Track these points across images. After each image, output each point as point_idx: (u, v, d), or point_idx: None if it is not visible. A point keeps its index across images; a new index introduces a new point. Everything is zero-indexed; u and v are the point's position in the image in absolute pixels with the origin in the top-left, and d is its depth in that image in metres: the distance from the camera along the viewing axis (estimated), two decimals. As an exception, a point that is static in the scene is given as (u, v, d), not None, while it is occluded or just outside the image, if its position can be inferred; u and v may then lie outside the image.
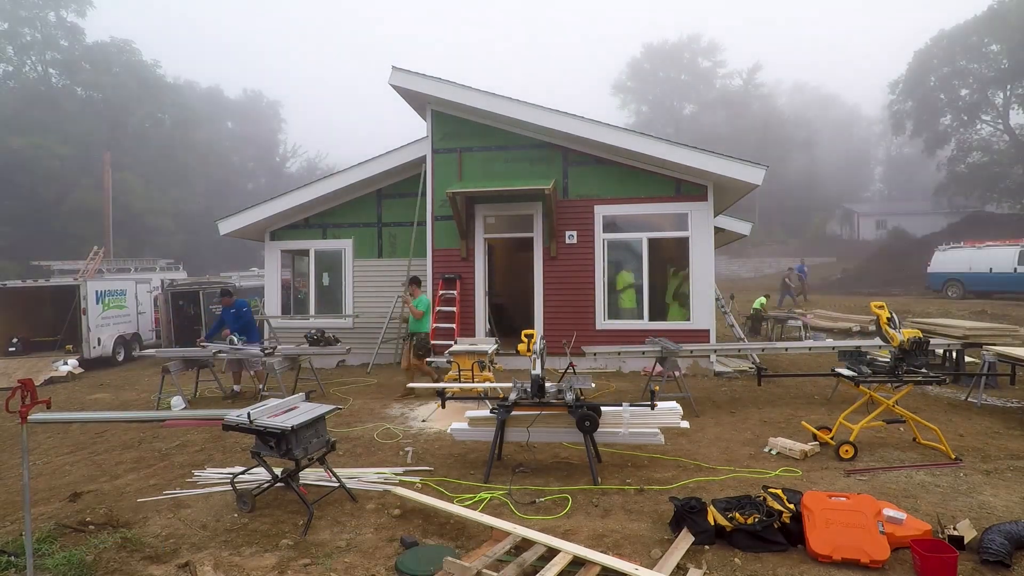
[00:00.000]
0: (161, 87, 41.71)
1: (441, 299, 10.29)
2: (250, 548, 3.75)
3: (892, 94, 39.62)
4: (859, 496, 3.73)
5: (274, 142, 58.27)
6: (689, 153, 9.46)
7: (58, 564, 3.54)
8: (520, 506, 4.26)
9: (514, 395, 4.98)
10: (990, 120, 36.27)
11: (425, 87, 10.19)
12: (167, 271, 18.92)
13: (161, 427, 7.03)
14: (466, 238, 10.37)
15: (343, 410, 7.28)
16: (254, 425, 4.23)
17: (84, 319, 12.89)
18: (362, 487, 4.68)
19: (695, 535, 3.62)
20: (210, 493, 4.69)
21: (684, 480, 4.73)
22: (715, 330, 9.68)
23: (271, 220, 11.64)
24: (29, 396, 3.39)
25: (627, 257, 10.18)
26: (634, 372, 9.58)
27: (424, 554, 3.55)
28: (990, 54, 33.96)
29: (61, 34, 37.42)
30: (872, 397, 5.60)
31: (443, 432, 6.15)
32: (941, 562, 3.18)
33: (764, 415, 6.84)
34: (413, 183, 11.19)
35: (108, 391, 10.09)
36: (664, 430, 5.10)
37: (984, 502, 4.21)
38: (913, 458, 5.21)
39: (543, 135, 10.12)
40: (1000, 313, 16.28)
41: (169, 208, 38.00)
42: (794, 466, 5.00)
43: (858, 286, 28.53)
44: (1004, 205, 35.49)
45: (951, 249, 22.69)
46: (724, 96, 54.52)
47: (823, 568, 3.33)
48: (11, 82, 36.09)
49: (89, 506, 4.47)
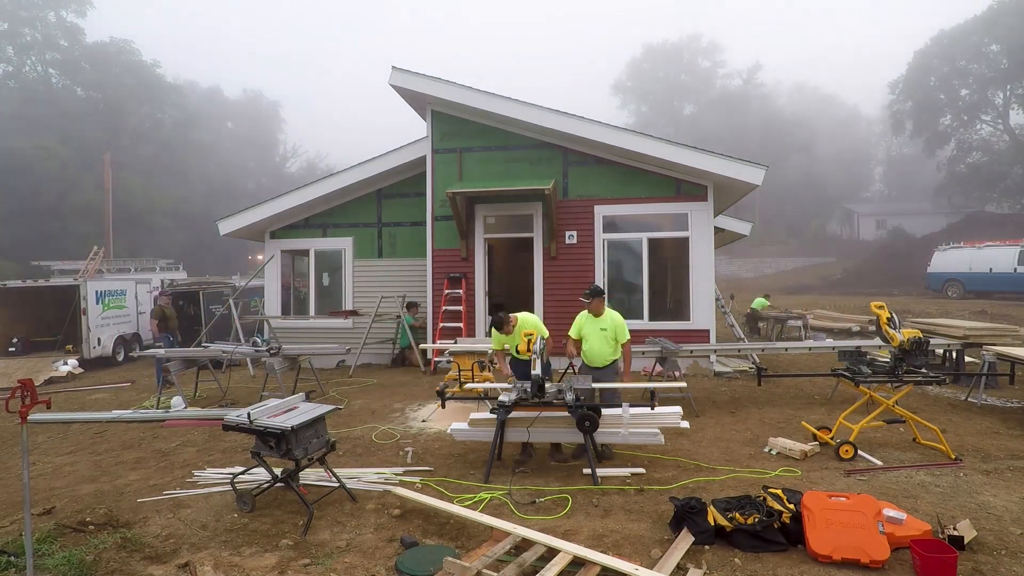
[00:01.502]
0: (161, 87, 41.65)
1: (447, 298, 10.30)
2: (250, 548, 3.75)
3: (892, 94, 39.65)
4: (859, 496, 3.73)
5: (274, 142, 58.28)
6: (689, 153, 9.46)
7: (58, 564, 3.54)
8: (520, 506, 4.26)
9: (514, 395, 4.98)
10: (990, 120, 36.29)
11: (425, 87, 10.19)
12: (167, 271, 18.92)
13: (161, 427, 7.04)
14: (466, 238, 10.37)
15: (342, 410, 7.28)
16: (254, 425, 4.23)
17: (84, 319, 12.90)
18: (362, 487, 4.68)
19: (695, 535, 3.62)
20: (210, 493, 4.68)
21: (684, 480, 4.73)
22: (715, 330, 9.68)
23: (271, 220, 11.64)
24: (29, 396, 3.40)
25: (627, 257, 10.18)
26: (634, 372, 9.58)
27: (424, 554, 3.55)
28: (990, 54, 33.97)
29: (61, 34, 37.36)
30: (872, 397, 5.60)
31: (443, 432, 6.15)
32: (941, 562, 3.18)
33: (764, 415, 6.84)
34: (413, 183, 11.19)
35: (108, 391, 10.09)
36: (664, 430, 5.11)
37: (984, 502, 4.21)
38: (913, 458, 5.21)
39: (543, 135, 10.12)
40: (1000, 313, 16.29)
41: (169, 208, 37.95)
42: (794, 466, 5.00)
43: (858, 286, 28.52)
44: (1004, 205, 35.52)
45: (951, 249, 22.70)
46: (724, 96, 54.50)
47: (823, 568, 3.33)
48: (11, 82, 36.06)
49: (89, 506, 4.46)
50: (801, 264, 39.53)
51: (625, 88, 59.40)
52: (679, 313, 10.05)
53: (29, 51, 36.68)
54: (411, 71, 10.24)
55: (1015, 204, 34.55)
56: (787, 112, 53.05)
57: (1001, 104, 35.05)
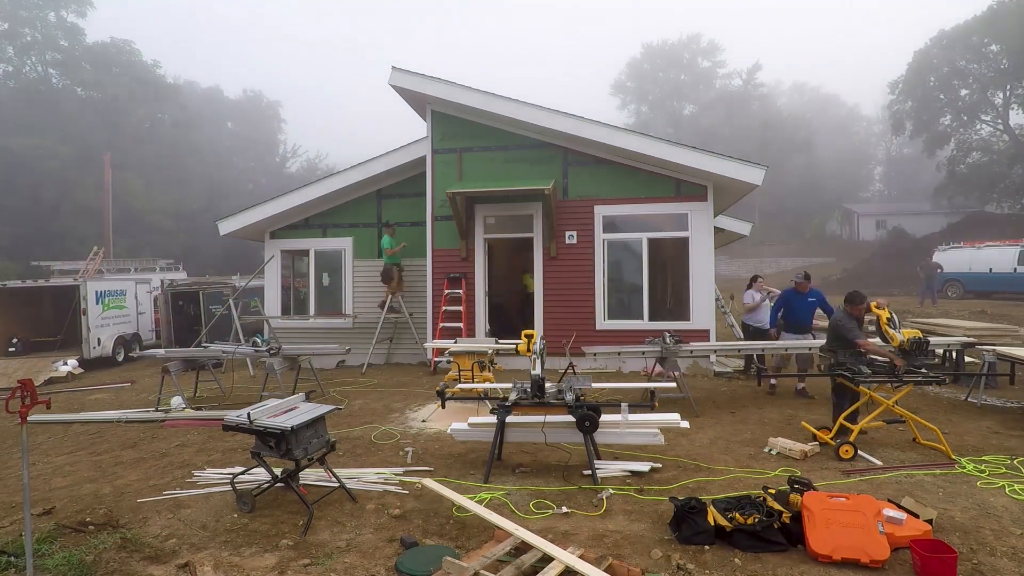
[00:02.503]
0: (161, 87, 41.64)
1: (447, 298, 10.30)
2: (250, 548, 3.75)
3: (892, 94, 39.64)
4: (859, 496, 3.73)
5: (274, 142, 58.21)
6: (689, 153, 9.45)
7: (58, 564, 3.54)
8: (520, 506, 4.26)
9: (514, 395, 4.98)
10: (990, 120, 36.27)
11: (425, 87, 10.19)
12: (167, 271, 18.92)
13: (161, 427, 7.03)
14: (466, 238, 10.37)
15: (342, 410, 7.28)
16: (254, 425, 4.23)
17: (84, 319, 12.90)
18: (362, 487, 4.68)
19: (695, 535, 3.62)
20: (210, 493, 4.68)
21: (684, 480, 4.73)
22: (715, 330, 9.68)
23: (271, 220, 11.64)
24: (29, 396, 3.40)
25: (627, 257, 10.18)
26: (634, 372, 9.58)
27: (424, 554, 3.55)
28: (990, 54, 33.95)
29: (61, 34, 37.35)
30: (872, 397, 5.61)
31: (443, 432, 6.15)
32: (941, 562, 3.18)
33: (764, 415, 6.84)
34: (413, 183, 11.19)
35: (107, 391, 10.10)
36: (664, 430, 5.11)
37: (984, 502, 4.21)
38: (913, 458, 5.21)
39: (543, 135, 10.12)
40: (1000, 313, 16.28)
41: (169, 208, 37.96)
42: (794, 466, 5.00)
43: (858, 286, 28.44)
44: (1004, 205, 35.49)
45: (950, 249, 22.68)
46: (724, 96, 54.52)
47: (823, 568, 3.33)
48: (11, 82, 36.05)
49: (89, 506, 4.46)
50: (801, 264, 39.47)
51: (625, 88, 59.45)
52: (679, 313, 10.04)
53: (29, 51, 36.67)
54: (411, 71, 10.24)
55: (1015, 204, 34.52)
56: (787, 112, 53.06)
57: (1001, 104, 35.03)
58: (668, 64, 57.09)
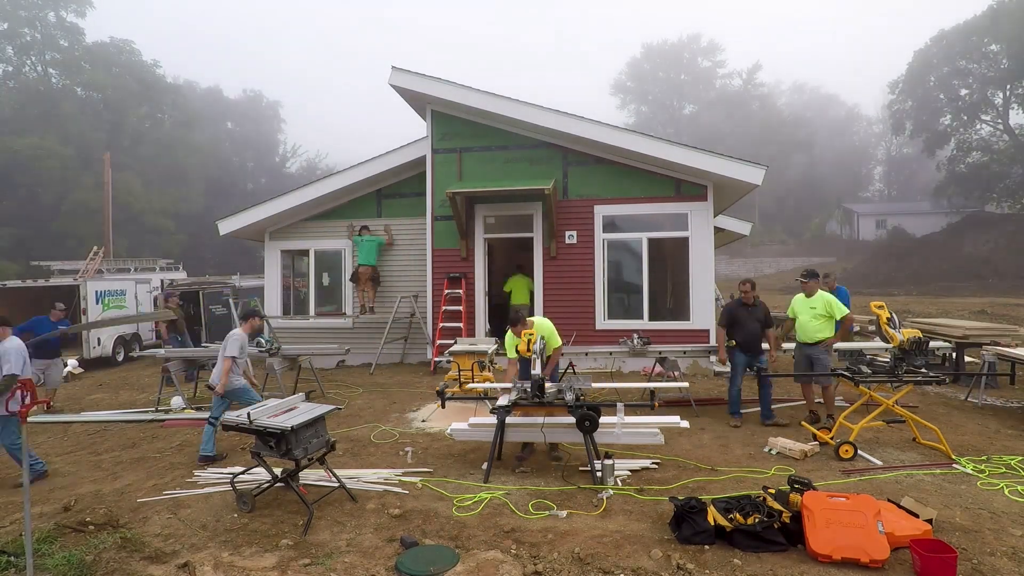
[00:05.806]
0: (161, 87, 41.62)
1: (447, 298, 10.30)
2: (250, 548, 3.75)
3: (892, 94, 39.70)
4: (859, 496, 3.73)
5: (274, 142, 58.19)
6: (689, 153, 9.45)
7: (58, 564, 3.54)
8: (520, 506, 4.26)
9: (514, 395, 4.98)
10: (990, 120, 36.30)
11: (425, 87, 10.19)
12: (167, 271, 18.91)
13: (161, 427, 7.03)
14: (466, 238, 10.36)
15: (342, 410, 7.27)
16: (254, 425, 4.23)
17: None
18: (362, 487, 4.68)
19: (695, 535, 3.62)
20: (210, 493, 4.68)
21: (684, 480, 4.73)
22: (715, 330, 9.67)
23: (271, 220, 11.63)
24: (29, 396, 3.40)
25: (627, 257, 10.17)
26: (634, 372, 9.58)
27: (424, 554, 3.55)
28: (990, 54, 33.98)
29: (61, 34, 37.33)
30: (872, 397, 5.60)
31: (443, 432, 6.15)
32: (941, 562, 3.18)
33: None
34: (413, 183, 11.18)
35: (107, 391, 10.09)
36: (664, 430, 5.11)
37: (984, 502, 4.21)
38: (913, 458, 5.21)
39: (543, 135, 10.12)
40: (1000, 313, 16.29)
41: (169, 208, 37.92)
42: (794, 466, 4.99)
43: (858, 286, 28.54)
44: (1004, 205, 35.51)
45: None
46: (724, 96, 54.54)
47: (823, 568, 3.33)
48: (11, 82, 36.03)
49: (89, 506, 4.46)
50: (801, 264, 39.51)
51: (625, 88, 59.46)
52: (679, 313, 10.03)
53: (29, 51, 36.65)
54: (411, 71, 10.23)
55: (1015, 204, 34.54)
56: (787, 112, 53.08)
57: (1001, 104, 35.06)
58: (668, 64, 57.12)
